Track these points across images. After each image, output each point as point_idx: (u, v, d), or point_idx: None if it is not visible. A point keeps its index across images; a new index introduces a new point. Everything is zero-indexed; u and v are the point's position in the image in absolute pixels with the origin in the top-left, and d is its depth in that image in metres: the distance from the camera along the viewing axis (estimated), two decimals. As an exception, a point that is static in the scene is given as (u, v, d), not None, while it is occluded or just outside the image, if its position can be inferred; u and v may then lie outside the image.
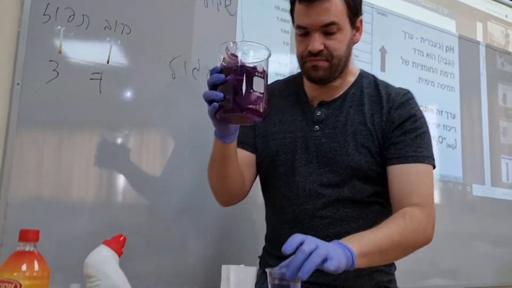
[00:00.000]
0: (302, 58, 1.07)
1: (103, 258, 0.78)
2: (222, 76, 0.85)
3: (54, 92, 1.28)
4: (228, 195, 1.16)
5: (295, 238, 0.79)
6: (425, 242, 1.00)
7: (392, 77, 1.50)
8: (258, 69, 0.85)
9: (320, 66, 1.04)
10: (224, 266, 0.92)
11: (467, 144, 2.14)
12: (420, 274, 1.92)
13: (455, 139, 2.09)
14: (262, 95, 0.85)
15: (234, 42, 0.90)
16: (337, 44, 1.04)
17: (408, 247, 0.98)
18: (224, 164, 1.06)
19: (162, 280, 1.39)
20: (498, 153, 2.23)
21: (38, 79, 1.26)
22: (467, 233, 2.11)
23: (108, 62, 1.37)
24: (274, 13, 1.69)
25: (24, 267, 0.68)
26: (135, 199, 1.42)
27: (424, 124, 1.08)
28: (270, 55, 0.87)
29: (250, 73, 0.84)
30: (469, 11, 2.27)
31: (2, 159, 1.23)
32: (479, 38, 2.30)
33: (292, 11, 1.09)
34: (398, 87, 1.12)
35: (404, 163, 1.03)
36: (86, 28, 1.34)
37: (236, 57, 0.86)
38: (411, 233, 0.96)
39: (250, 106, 0.84)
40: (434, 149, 1.12)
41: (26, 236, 0.71)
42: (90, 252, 0.86)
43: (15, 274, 0.67)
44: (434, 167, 1.07)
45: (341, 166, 1.05)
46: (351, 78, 1.13)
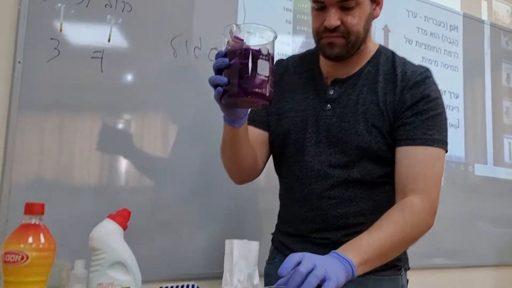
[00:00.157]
0: (318, 34, 1.03)
1: (108, 232, 0.79)
2: (226, 60, 0.83)
3: (55, 70, 1.28)
4: (241, 175, 1.17)
5: (292, 259, 0.77)
6: (425, 231, 0.98)
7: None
8: (262, 51, 0.83)
9: (336, 43, 1.01)
10: (227, 241, 0.93)
11: (470, 123, 2.13)
12: (420, 255, 1.93)
13: (458, 119, 2.09)
14: (267, 78, 0.83)
15: (238, 25, 0.87)
16: (354, 20, 0.99)
17: (408, 242, 0.96)
18: (235, 146, 1.06)
19: (167, 260, 1.41)
20: (501, 132, 2.23)
21: (39, 58, 1.26)
22: (468, 213, 2.12)
23: (109, 41, 1.36)
24: (276, -10, 1.68)
25: (30, 239, 0.69)
26: (139, 182, 1.43)
27: (438, 105, 1.02)
28: (276, 37, 0.85)
29: (254, 56, 0.82)
30: (474, -11, 2.24)
31: (5, 139, 1.24)
32: (484, 16, 2.28)
33: None
34: (418, 65, 1.07)
35: (411, 145, 0.99)
36: (87, 6, 1.33)
37: (240, 40, 0.84)
38: (411, 228, 0.93)
39: (255, 90, 0.82)
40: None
41: (32, 209, 0.72)
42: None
43: (22, 246, 0.68)
44: (447, 151, 1.02)
45: (350, 146, 1.02)
46: (369, 55, 1.09)
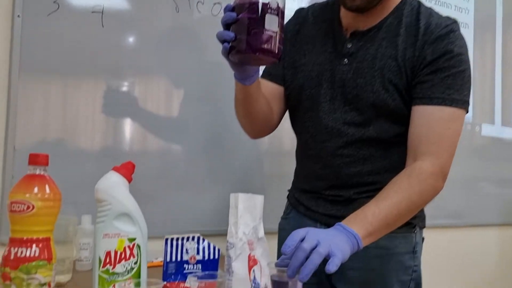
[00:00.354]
0: None
1: (113, 183, 0.79)
2: (234, 14, 0.80)
3: (55, 25, 1.25)
4: (255, 130, 1.16)
5: (294, 236, 0.77)
6: (434, 196, 0.95)
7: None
8: (271, 5, 0.79)
9: None
10: (232, 194, 0.93)
11: (478, 82, 2.09)
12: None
13: (466, 78, 2.05)
14: (275, 34, 0.79)
15: None
16: None
17: (415, 209, 0.94)
18: (247, 104, 1.04)
19: (174, 218, 1.43)
20: (510, 92, 2.19)
21: (39, 12, 1.23)
22: (473, 174, 2.12)
23: (109, -5, 1.33)
24: None
25: (35, 189, 0.69)
26: (144, 142, 1.43)
27: (462, 62, 0.95)
28: None
29: (262, 10, 0.78)
30: None
31: (7, 98, 1.23)
32: (497, -30, 2.19)
33: None
34: (445, 17, 0.99)
35: (428, 105, 0.94)
36: (85, -43, 1.29)
37: None
38: (418, 196, 0.91)
39: (263, 47, 0.79)
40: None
41: (36, 159, 0.71)
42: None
43: (27, 195, 0.69)
44: (467, 112, 0.96)
45: (365, 104, 0.98)
46: (392, 5, 1.01)
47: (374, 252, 0.98)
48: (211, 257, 0.86)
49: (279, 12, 0.80)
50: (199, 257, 0.85)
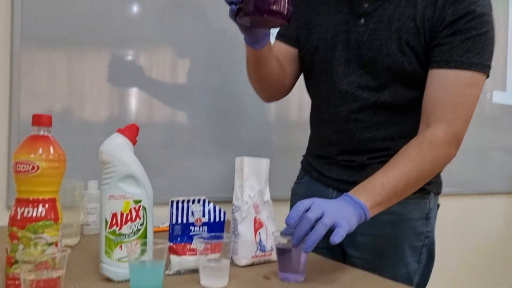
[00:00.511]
0: None
1: (118, 145, 0.78)
2: None
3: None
4: (267, 94, 1.14)
5: (299, 207, 0.76)
6: (446, 164, 0.93)
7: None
8: None
9: None
10: (237, 158, 0.92)
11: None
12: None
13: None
14: None
15: None
16: None
17: (425, 179, 0.91)
18: (259, 67, 1.02)
19: (180, 185, 1.44)
20: (523, 57, 2.13)
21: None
22: (483, 142, 2.09)
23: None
24: None
25: (40, 150, 0.69)
26: (151, 113, 1.42)
27: (484, 23, 0.90)
28: None
29: None
30: None
31: (10, 66, 1.22)
32: None
33: None
34: None
35: (445, 68, 0.90)
36: None
37: None
38: (429, 165, 0.89)
39: (271, 8, 0.77)
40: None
41: (39, 120, 0.71)
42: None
43: (32, 155, 0.68)
44: (488, 76, 0.93)
45: (380, 67, 0.95)
46: None
47: (386, 218, 0.98)
48: (217, 219, 0.86)
49: None
50: (205, 219, 0.85)
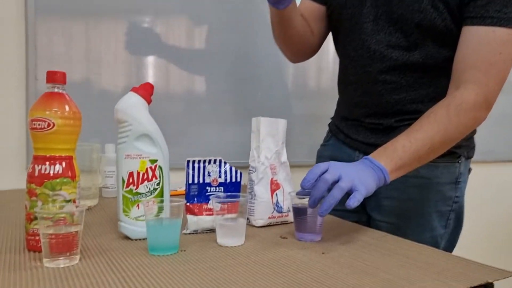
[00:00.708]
0: None
1: (133, 104, 0.77)
2: None
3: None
4: (295, 54, 1.12)
5: (315, 170, 0.74)
6: (474, 128, 0.89)
7: None
8: None
9: None
10: (254, 118, 0.90)
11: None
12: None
13: None
14: None
15: None
16: None
17: (451, 143, 0.87)
18: (283, 27, 0.99)
19: (197, 149, 1.44)
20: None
21: None
22: (506, 109, 2.03)
23: None
24: None
25: (55, 107, 0.68)
26: (168, 82, 1.41)
27: None
28: None
29: None
30: None
31: (25, 36, 1.21)
32: None
33: None
34: None
35: (479, 25, 0.84)
36: None
37: None
38: (455, 128, 0.84)
39: None
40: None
41: (54, 77, 0.70)
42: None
43: (47, 112, 0.68)
44: None
45: (411, 24, 0.90)
46: None
47: (412, 181, 0.96)
48: (233, 179, 0.85)
49: None
50: (221, 179, 0.84)
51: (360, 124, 1.05)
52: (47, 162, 0.69)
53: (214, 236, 0.78)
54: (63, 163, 0.70)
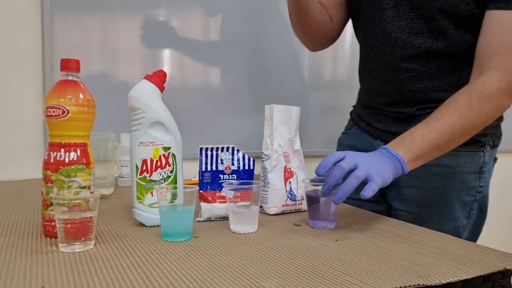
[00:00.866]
0: None
1: (146, 91, 0.78)
2: None
3: None
4: (313, 43, 1.11)
5: (330, 158, 0.73)
6: (497, 115, 0.85)
7: None
8: None
9: None
10: (267, 106, 0.90)
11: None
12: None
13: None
14: None
15: None
16: None
17: (472, 132, 0.84)
18: (301, 16, 0.98)
19: (210, 139, 1.44)
20: None
21: None
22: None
23: None
24: None
25: (69, 94, 0.69)
26: (183, 75, 1.41)
27: None
28: None
29: None
30: None
31: (41, 32, 1.23)
32: None
33: None
34: None
35: (503, 9, 0.81)
36: None
37: None
38: (477, 117, 0.81)
39: None
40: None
41: (67, 64, 0.71)
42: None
43: (62, 100, 0.69)
44: None
45: (433, 10, 0.88)
46: None
47: (435, 170, 0.94)
48: (246, 167, 0.85)
49: None
50: (234, 167, 0.84)
51: (381, 112, 1.03)
52: (62, 149, 0.70)
53: (227, 223, 0.78)
54: (78, 150, 0.70)
